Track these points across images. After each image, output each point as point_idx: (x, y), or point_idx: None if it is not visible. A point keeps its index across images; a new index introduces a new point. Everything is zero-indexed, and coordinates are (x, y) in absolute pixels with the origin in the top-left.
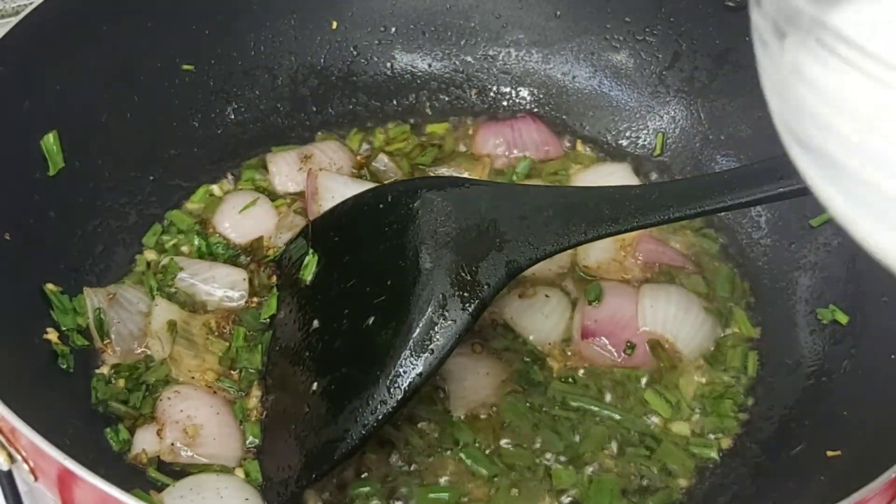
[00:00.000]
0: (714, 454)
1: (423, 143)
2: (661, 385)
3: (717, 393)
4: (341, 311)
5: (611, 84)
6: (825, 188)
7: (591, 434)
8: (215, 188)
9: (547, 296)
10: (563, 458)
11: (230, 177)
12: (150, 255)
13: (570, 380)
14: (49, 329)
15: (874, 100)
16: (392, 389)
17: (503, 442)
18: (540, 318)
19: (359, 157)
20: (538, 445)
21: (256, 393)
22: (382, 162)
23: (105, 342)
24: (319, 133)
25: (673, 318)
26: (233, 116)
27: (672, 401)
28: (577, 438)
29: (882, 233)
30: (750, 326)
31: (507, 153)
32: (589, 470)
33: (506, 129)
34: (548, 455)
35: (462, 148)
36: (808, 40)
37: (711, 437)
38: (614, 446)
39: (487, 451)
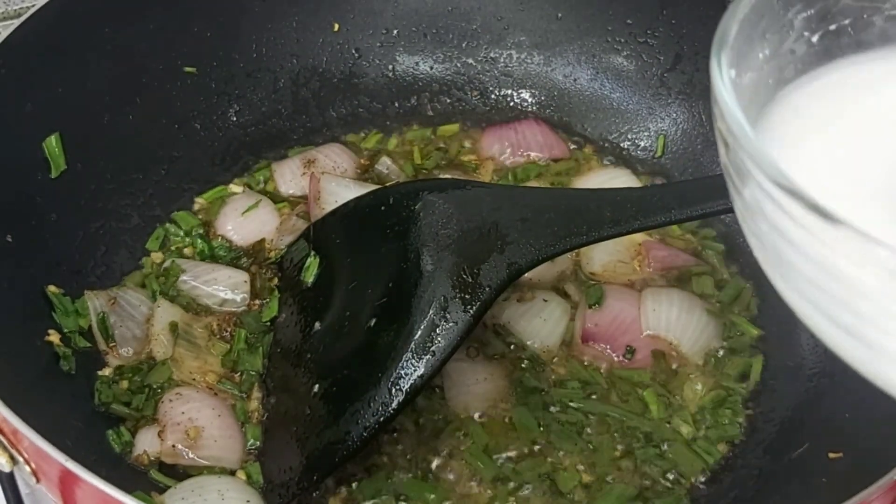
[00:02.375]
0: (716, 457)
1: (427, 146)
2: (663, 388)
3: (720, 395)
4: (343, 313)
5: (612, 86)
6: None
7: (595, 437)
8: (233, 187)
9: (545, 300)
10: (567, 461)
11: (234, 179)
12: (156, 257)
13: (570, 384)
14: (51, 331)
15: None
16: (393, 391)
17: (504, 445)
18: (538, 322)
19: (362, 160)
20: (540, 449)
21: (258, 395)
22: (386, 165)
23: (111, 345)
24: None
25: (676, 321)
26: (235, 118)
27: (674, 403)
28: (580, 441)
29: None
30: (752, 328)
31: (511, 156)
32: (594, 472)
33: (510, 133)
34: (551, 458)
35: (465, 150)
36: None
37: (714, 439)
38: (620, 449)
39: (489, 455)
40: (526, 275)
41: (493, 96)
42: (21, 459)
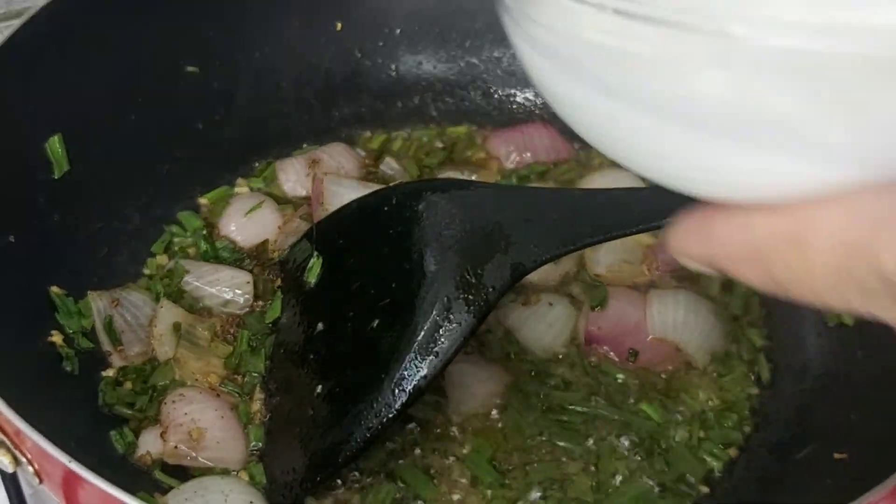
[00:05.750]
0: (722, 459)
1: (431, 146)
2: (668, 391)
3: (726, 397)
4: (345, 314)
5: None
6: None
7: (598, 440)
8: (236, 187)
9: (550, 304)
10: (570, 465)
11: (237, 179)
12: (161, 259)
13: (573, 386)
14: (54, 332)
15: None
16: (396, 392)
17: (506, 448)
18: (543, 326)
19: (366, 160)
20: (543, 451)
21: (260, 396)
22: (390, 165)
23: (118, 348)
24: (326, 135)
25: (682, 323)
26: (237, 118)
27: (678, 406)
28: (584, 444)
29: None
30: (758, 330)
31: (517, 158)
32: (599, 476)
33: (517, 135)
34: (554, 461)
35: (470, 151)
36: None
37: (719, 441)
38: (624, 451)
39: (489, 458)
40: (530, 276)
41: (496, 96)
42: (24, 460)
